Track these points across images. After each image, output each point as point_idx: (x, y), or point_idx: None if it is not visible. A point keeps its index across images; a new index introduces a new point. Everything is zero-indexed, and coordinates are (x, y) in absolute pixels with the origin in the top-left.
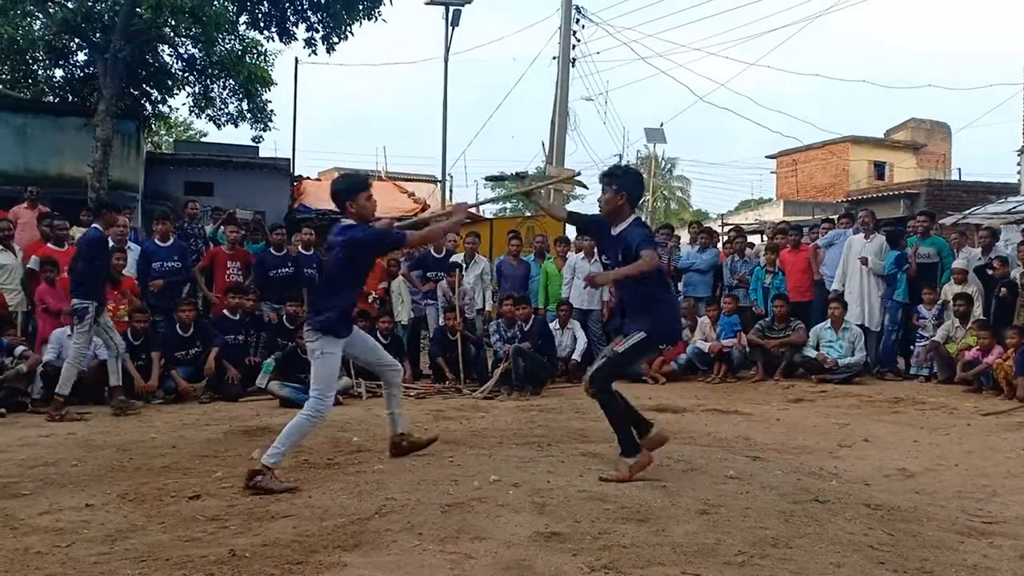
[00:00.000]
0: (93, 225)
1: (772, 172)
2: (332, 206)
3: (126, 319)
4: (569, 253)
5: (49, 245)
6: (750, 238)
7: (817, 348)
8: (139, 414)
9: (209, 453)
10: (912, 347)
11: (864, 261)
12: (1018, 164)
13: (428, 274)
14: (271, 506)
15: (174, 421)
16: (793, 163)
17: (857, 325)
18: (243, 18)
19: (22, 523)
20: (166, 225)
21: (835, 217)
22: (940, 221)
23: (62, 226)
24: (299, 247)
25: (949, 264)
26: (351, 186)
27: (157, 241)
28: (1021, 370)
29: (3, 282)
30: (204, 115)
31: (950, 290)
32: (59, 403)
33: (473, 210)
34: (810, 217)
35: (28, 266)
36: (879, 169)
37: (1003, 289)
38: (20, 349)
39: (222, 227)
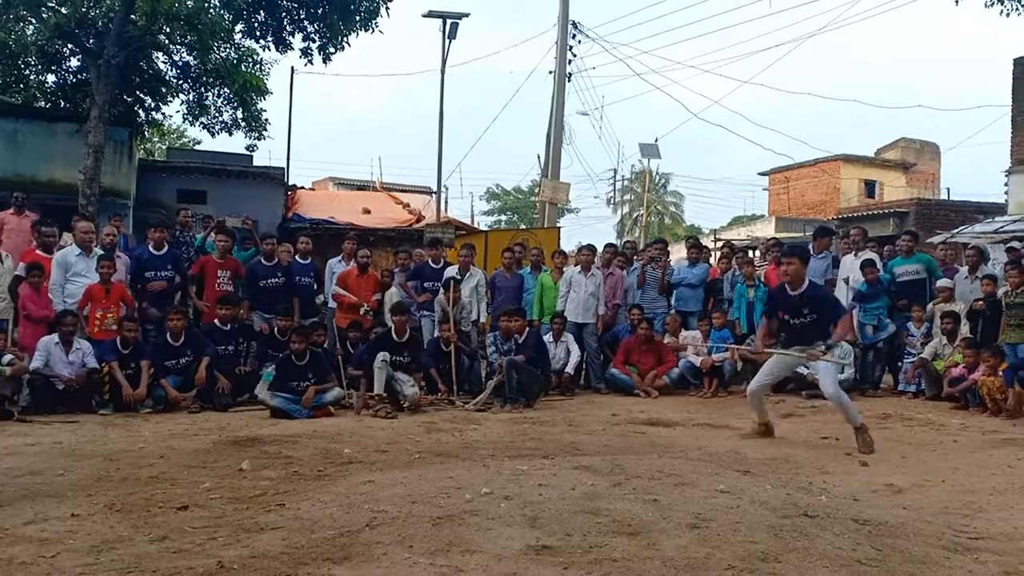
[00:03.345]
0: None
1: (764, 189)
2: (327, 215)
3: (114, 327)
4: (566, 267)
5: (37, 251)
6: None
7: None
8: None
9: (198, 464)
10: (900, 364)
11: (847, 281)
12: (1005, 184)
13: (424, 285)
14: (260, 518)
15: (163, 431)
16: (785, 180)
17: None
18: (239, 27)
19: (6, 533)
20: (163, 234)
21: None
22: (929, 240)
23: (50, 232)
24: (296, 256)
25: (940, 277)
26: None
27: (152, 249)
28: (1011, 382)
29: None
30: (198, 123)
31: (937, 308)
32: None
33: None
34: (802, 234)
35: (15, 272)
36: (869, 187)
37: (980, 303)
38: (8, 357)
39: (211, 235)
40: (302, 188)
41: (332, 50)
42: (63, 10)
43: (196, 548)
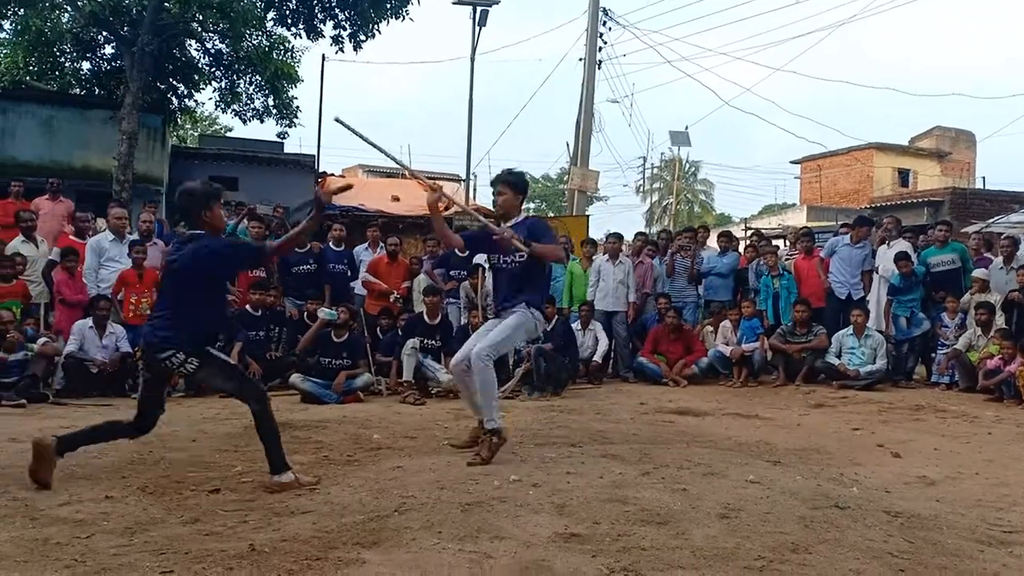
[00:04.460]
0: None
1: (796, 177)
2: (356, 203)
3: (148, 312)
4: (595, 255)
5: (71, 236)
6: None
7: (839, 355)
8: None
9: (229, 447)
10: (934, 355)
11: (877, 270)
12: None
13: (451, 272)
14: (290, 501)
15: (194, 415)
16: (817, 168)
17: (878, 331)
18: (271, 14)
19: (42, 514)
20: None
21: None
22: (963, 230)
23: (84, 218)
24: (330, 243)
25: (971, 269)
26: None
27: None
28: None
29: (26, 273)
30: (230, 110)
31: (972, 299)
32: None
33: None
34: (833, 223)
35: (49, 257)
36: (903, 176)
37: (1016, 293)
38: (42, 340)
39: (243, 222)
40: (332, 175)
41: (363, 38)
42: None
43: (228, 531)
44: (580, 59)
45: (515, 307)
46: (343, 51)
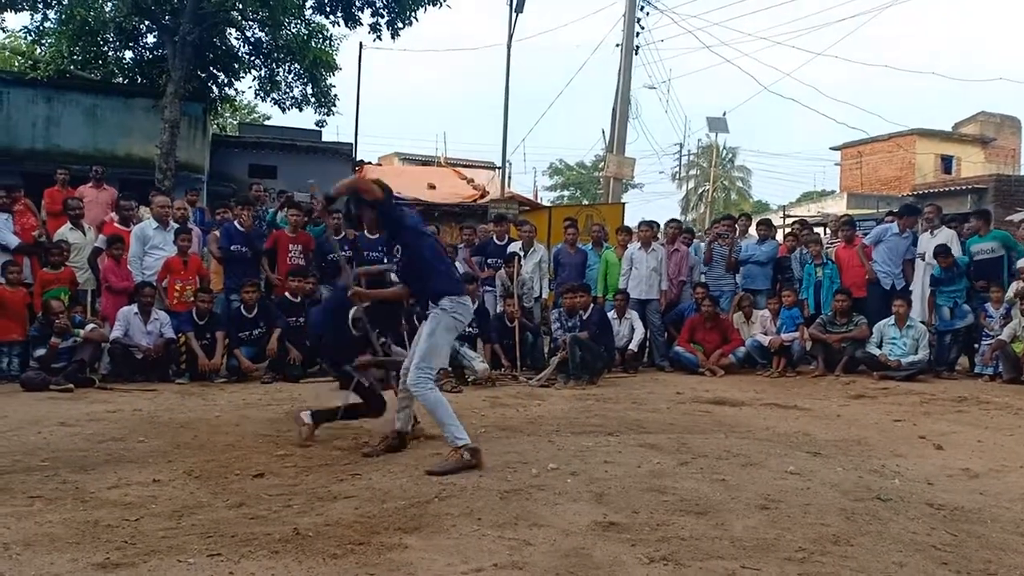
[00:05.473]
0: None
1: (836, 164)
2: (393, 191)
3: (191, 299)
4: (629, 243)
5: (116, 224)
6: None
7: (880, 345)
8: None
9: (271, 432)
10: (977, 346)
11: (922, 257)
12: None
13: (488, 261)
14: (333, 487)
15: (237, 400)
16: (858, 155)
17: (921, 322)
18: (309, 2)
19: (92, 496)
20: (251, 210)
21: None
22: (1008, 218)
23: (128, 206)
24: (364, 231)
25: (1019, 256)
26: None
27: (238, 225)
28: None
29: (73, 260)
30: (269, 99)
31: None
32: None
33: None
34: (874, 211)
35: (95, 244)
36: (946, 163)
37: None
38: (90, 326)
39: (283, 211)
40: (369, 163)
41: (400, 25)
42: None
43: (273, 515)
44: (617, 45)
45: (427, 310)
46: (381, 39)
